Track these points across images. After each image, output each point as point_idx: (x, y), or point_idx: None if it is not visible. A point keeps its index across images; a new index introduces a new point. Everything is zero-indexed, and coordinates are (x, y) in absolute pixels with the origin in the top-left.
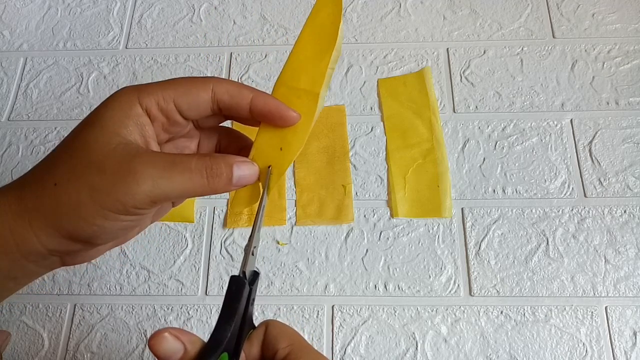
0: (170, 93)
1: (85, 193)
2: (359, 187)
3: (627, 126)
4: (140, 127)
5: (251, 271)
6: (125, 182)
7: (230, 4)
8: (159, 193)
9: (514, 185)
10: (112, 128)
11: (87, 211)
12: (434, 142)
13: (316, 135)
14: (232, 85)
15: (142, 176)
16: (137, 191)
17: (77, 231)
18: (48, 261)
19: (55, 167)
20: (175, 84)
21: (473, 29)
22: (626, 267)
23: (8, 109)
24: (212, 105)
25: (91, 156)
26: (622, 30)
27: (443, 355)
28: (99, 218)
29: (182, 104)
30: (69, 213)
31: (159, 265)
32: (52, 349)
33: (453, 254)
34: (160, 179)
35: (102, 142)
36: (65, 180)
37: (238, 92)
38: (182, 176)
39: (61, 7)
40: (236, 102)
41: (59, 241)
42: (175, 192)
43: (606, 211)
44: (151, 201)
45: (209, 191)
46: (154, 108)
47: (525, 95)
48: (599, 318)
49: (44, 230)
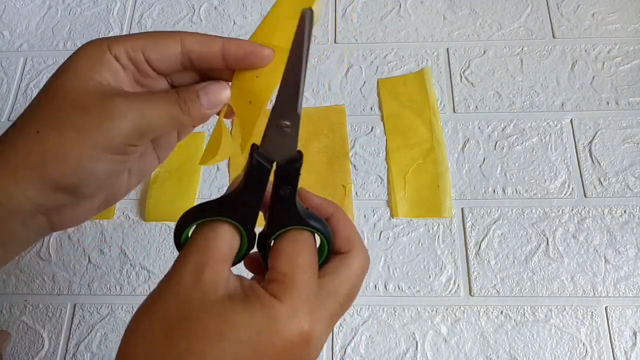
0: (139, 43)
1: (71, 136)
2: (359, 187)
3: (627, 126)
4: (113, 73)
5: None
6: (112, 117)
7: (230, 4)
8: (145, 123)
9: (514, 185)
10: (86, 73)
11: (73, 154)
12: (434, 142)
13: (316, 135)
14: (201, 35)
15: (127, 108)
16: (124, 124)
17: (64, 178)
18: (35, 221)
19: (36, 115)
20: (143, 35)
21: (473, 29)
22: (626, 267)
23: (8, 109)
24: (182, 58)
25: (71, 99)
26: (622, 30)
27: (443, 355)
28: (86, 159)
29: (150, 54)
30: (54, 158)
31: (159, 265)
32: (52, 349)
33: (453, 254)
34: (144, 109)
35: (79, 86)
36: (48, 126)
37: (208, 40)
38: (161, 106)
39: (61, 7)
40: (207, 50)
41: (45, 193)
42: (160, 120)
43: (606, 211)
44: (140, 133)
45: (188, 119)
46: (123, 56)
47: (525, 95)
48: (599, 318)
49: (30, 183)
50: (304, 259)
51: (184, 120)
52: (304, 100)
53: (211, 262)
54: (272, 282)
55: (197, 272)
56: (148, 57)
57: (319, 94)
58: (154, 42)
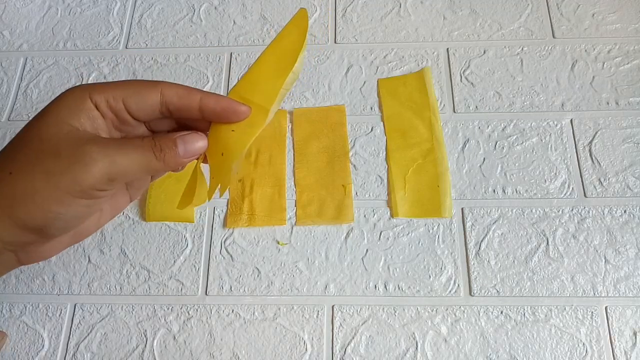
0: (120, 92)
1: (40, 179)
2: (359, 187)
3: (627, 126)
4: (91, 120)
5: None
6: (82, 162)
7: (230, 4)
8: (115, 169)
9: (514, 185)
10: (64, 119)
11: (41, 197)
12: (434, 142)
13: (316, 135)
14: (180, 87)
15: (98, 155)
16: (95, 169)
17: (31, 219)
18: (3, 257)
19: (10, 157)
20: (125, 84)
21: (473, 29)
22: (626, 267)
23: (8, 109)
24: (161, 108)
25: (45, 144)
26: (622, 30)
27: (443, 355)
28: (54, 203)
29: (130, 104)
30: (24, 200)
31: (159, 265)
32: (52, 349)
33: (453, 254)
34: (115, 156)
35: (54, 130)
36: (20, 169)
37: (187, 94)
38: (134, 152)
39: (61, 7)
40: (185, 103)
41: (14, 232)
42: (131, 167)
43: (606, 211)
44: (109, 179)
45: (163, 166)
46: (103, 105)
47: (525, 95)
48: (599, 318)
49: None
50: None
51: (157, 167)
52: (304, 101)
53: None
54: None
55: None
56: (128, 106)
57: (319, 94)
58: (134, 92)
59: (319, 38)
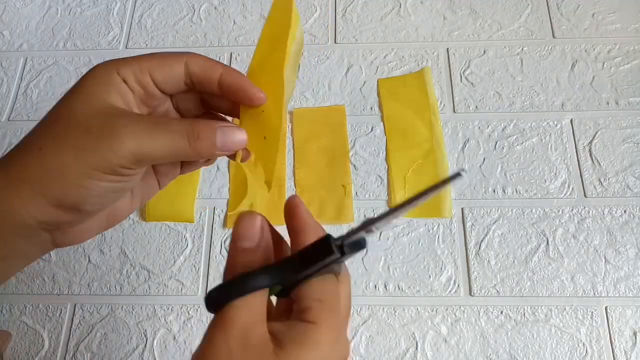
0: (146, 65)
1: (70, 154)
2: (359, 187)
3: (627, 126)
4: (122, 94)
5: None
6: (109, 140)
7: (230, 4)
8: (142, 152)
9: (514, 185)
10: (95, 94)
11: (72, 172)
12: (434, 142)
13: (316, 135)
14: (204, 59)
15: (126, 134)
16: (121, 148)
17: (64, 195)
18: (38, 238)
19: (41, 133)
20: (150, 57)
21: (473, 29)
22: (626, 267)
23: (8, 109)
24: (185, 79)
25: (75, 119)
26: (622, 30)
27: (443, 355)
28: (85, 178)
29: (157, 76)
30: (54, 176)
31: (159, 265)
32: (52, 349)
33: (453, 254)
34: (144, 138)
35: (85, 106)
36: (49, 144)
37: (210, 66)
38: (164, 136)
39: (61, 7)
40: (207, 75)
41: (48, 210)
42: (158, 152)
43: (606, 211)
44: (136, 160)
45: (193, 154)
46: (131, 79)
47: (525, 95)
48: (599, 318)
49: (32, 200)
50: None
51: (187, 154)
52: (304, 101)
53: (255, 323)
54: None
55: (245, 338)
56: (155, 78)
57: (319, 94)
58: (160, 64)
59: (319, 38)
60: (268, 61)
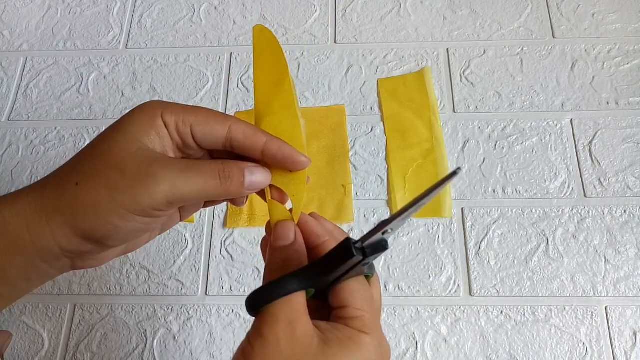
0: (191, 118)
1: (104, 192)
2: (359, 187)
3: (627, 126)
4: (161, 138)
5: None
6: (145, 183)
7: (230, 4)
8: (175, 194)
9: (514, 185)
10: (135, 134)
11: (104, 210)
12: (434, 142)
13: (316, 135)
14: (248, 127)
15: (161, 177)
16: (156, 191)
17: (92, 230)
18: (60, 262)
19: (78, 168)
20: (196, 111)
21: (473, 29)
22: (626, 267)
23: (8, 109)
24: (225, 142)
25: (113, 158)
26: (622, 30)
27: (443, 355)
28: (115, 217)
29: (197, 132)
30: (86, 211)
31: (159, 265)
32: (52, 349)
33: (453, 254)
34: (177, 179)
35: (124, 146)
36: (86, 180)
37: (253, 134)
38: (197, 178)
39: (61, 7)
40: (250, 144)
41: (74, 240)
42: (192, 193)
43: (606, 211)
44: (168, 202)
45: (223, 194)
46: (172, 126)
47: (525, 95)
48: (599, 318)
49: (61, 229)
50: (371, 296)
51: (218, 194)
52: (304, 101)
53: (299, 317)
54: (355, 318)
55: (291, 330)
56: (195, 133)
57: (319, 94)
58: (203, 121)
59: (319, 38)
60: (275, 101)
